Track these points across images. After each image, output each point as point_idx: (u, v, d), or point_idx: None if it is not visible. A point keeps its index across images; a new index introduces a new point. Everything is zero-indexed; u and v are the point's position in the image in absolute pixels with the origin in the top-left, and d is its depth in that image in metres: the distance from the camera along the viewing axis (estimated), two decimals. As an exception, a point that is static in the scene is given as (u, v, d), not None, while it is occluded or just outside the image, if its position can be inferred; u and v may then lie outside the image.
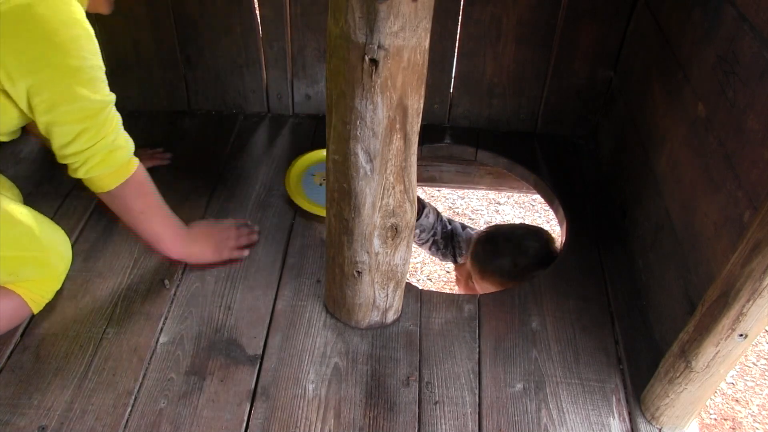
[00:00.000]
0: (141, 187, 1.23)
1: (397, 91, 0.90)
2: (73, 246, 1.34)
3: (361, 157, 0.97)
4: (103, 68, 1.12)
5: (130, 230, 1.30)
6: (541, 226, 1.69)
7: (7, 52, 1.02)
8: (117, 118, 1.16)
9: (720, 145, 1.07)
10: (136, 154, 1.21)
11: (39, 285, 1.24)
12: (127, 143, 1.18)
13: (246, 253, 1.39)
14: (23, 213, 1.21)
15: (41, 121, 1.09)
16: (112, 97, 1.14)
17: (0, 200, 1.18)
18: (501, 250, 1.63)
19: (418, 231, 1.80)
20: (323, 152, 1.66)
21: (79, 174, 1.14)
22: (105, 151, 1.13)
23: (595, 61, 1.66)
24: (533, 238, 1.65)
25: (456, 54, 1.68)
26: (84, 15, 1.10)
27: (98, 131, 1.12)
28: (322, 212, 1.48)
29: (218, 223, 1.43)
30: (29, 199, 1.48)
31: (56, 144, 1.12)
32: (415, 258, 2.65)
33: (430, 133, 1.76)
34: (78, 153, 1.12)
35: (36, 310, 1.25)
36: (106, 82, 1.13)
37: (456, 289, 2.02)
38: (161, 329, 1.25)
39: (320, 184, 1.58)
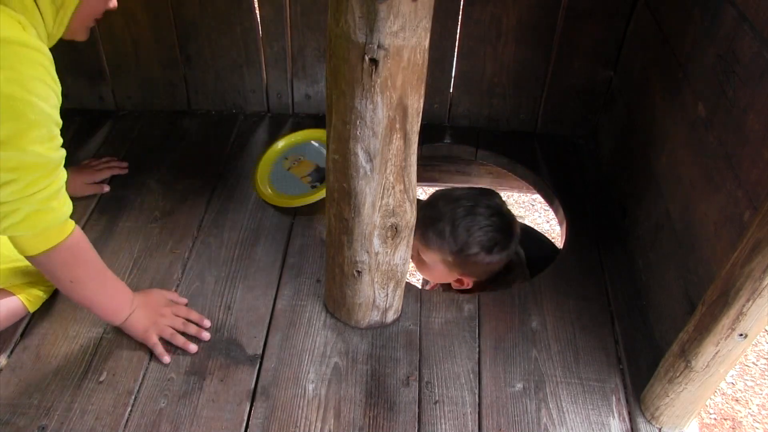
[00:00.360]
0: (74, 257, 1.07)
1: (397, 91, 0.90)
2: (73, 246, 1.34)
3: (361, 157, 0.97)
4: (60, 123, 0.98)
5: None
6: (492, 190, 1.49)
7: None
8: (60, 179, 1.00)
9: (720, 145, 1.07)
10: (78, 162, 1.03)
11: (34, 285, 1.25)
12: (63, 207, 1.01)
13: (191, 348, 1.20)
14: None
15: None
16: (62, 153, 0.99)
17: None
18: (440, 213, 1.40)
19: None
20: (300, 134, 1.68)
21: (1, 228, 0.97)
22: (31, 209, 0.96)
23: (595, 61, 1.66)
24: (474, 198, 1.42)
25: (456, 54, 1.68)
26: (45, 49, 0.95)
27: (29, 186, 0.94)
28: (285, 202, 1.48)
29: (154, 294, 1.26)
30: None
31: None
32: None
33: (430, 133, 1.76)
34: (3, 202, 0.94)
35: (32, 308, 1.25)
36: (59, 137, 0.99)
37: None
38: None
39: (288, 169, 1.57)
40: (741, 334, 0.93)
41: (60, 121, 0.98)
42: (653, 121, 1.37)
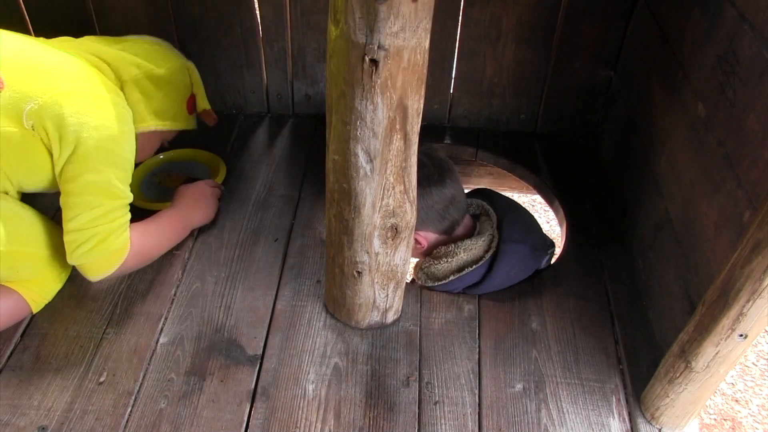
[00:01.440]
0: (140, 253, 1.27)
1: (397, 92, 0.90)
2: (73, 246, 1.34)
3: (361, 158, 0.97)
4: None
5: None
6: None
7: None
8: (127, 218, 1.22)
9: (720, 145, 1.07)
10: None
11: (39, 284, 1.25)
12: (126, 244, 1.21)
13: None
14: (27, 211, 1.22)
15: (64, 188, 1.16)
16: (131, 197, 1.22)
17: (5, 197, 1.18)
18: None
19: None
20: (166, 155, 1.65)
21: (75, 256, 1.17)
22: (107, 234, 1.17)
23: (595, 61, 1.66)
24: None
25: (456, 54, 1.68)
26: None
27: (109, 213, 1.17)
28: (156, 207, 1.46)
29: (190, 185, 1.47)
30: (27, 199, 1.47)
31: (67, 215, 1.16)
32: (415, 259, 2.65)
33: (430, 133, 1.76)
34: (83, 228, 1.15)
35: (36, 309, 1.25)
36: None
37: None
38: (161, 329, 1.25)
39: (159, 183, 1.58)
40: (741, 335, 0.93)
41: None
42: (653, 121, 1.37)
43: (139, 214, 1.46)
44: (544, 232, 1.48)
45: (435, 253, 1.37)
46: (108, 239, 1.17)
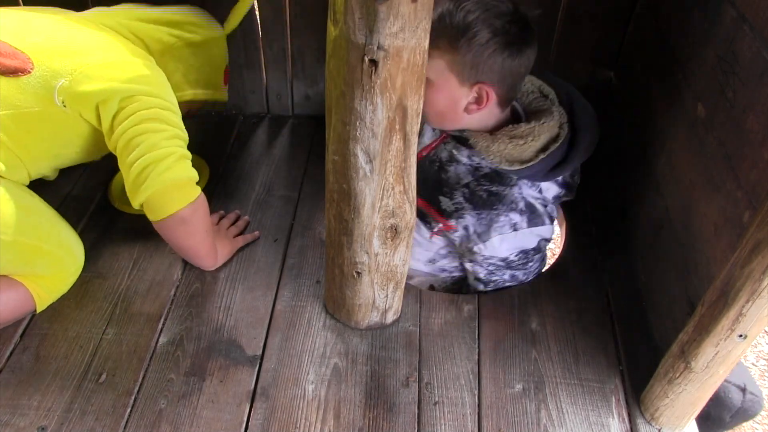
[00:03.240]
0: (206, 210, 1.24)
1: (396, 92, 0.90)
2: (72, 246, 1.34)
3: (361, 158, 0.97)
4: None
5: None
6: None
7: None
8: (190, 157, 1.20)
9: (719, 146, 1.07)
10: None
11: (48, 282, 1.25)
12: (196, 180, 1.19)
13: (256, 234, 1.43)
14: (46, 208, 1.22)
15: (119, 132, 1.13)
16: (187, 136, 1.22)
17: (27, 191, 1.19)
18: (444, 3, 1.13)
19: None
20: None
21: (151, 179, 1.11)
22: (180, 155, 1.14)
23: (595, 61, 1.66)
24: None
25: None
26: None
27: (176, 138, 1.15)
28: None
29: (219, 227, 1.43)
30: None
31: (129, 148, 1.12)
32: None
33: (429, 134, 1.76)
34: (155, 147, 1.11)
35: (39, 307, 1.25)
36: None
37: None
38: (161, 330, 1.25)
39: None
40: (740, 335, 0.93)
41: None
42: (653, 121, 1.37)
43: (122, 216, 1.47)
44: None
45: (511, 132, 1.20)
46: (182, 161, 1.14)
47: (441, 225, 1.28)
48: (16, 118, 1.10)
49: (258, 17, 1.65)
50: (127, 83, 1.14)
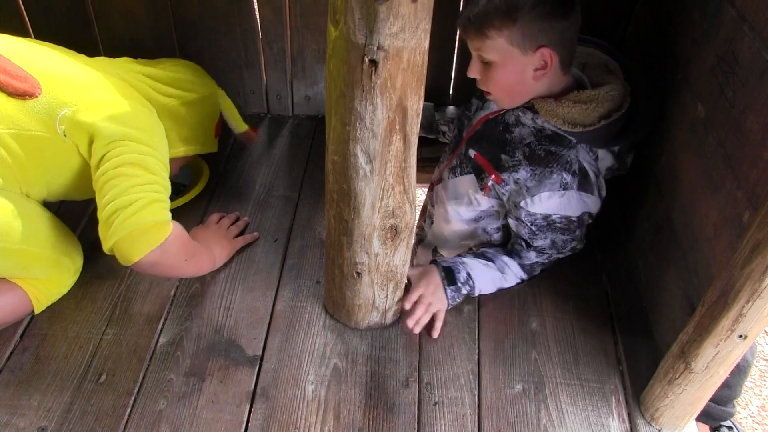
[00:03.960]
0: (183, 243, 1.22)
1: (396, 92, 0.90)
2: (72, 247, 1.34)
3: (361, 158, 0.97)
4: None
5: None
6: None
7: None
8: (167, 197, 1.19)
9: (719, 146, 1.07)
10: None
11: (46, 285, 1.25)
12: (168, 220, 1.17)
13: (255, 234, 1.44)
14: (43, 213, 1.22)
15: (100, 172, 1.14)
16: (168, 184, 1.22)
17: (25, 198, 1.19)
18: None
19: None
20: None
21: (114, 227, 1.11)
22: (150, 200, 1.13)
23: (594, 61, 1.65)
24: None
25: (456, 55, 1.68)
26: None
27: (147, 184, 1.14)
28: None
29: (204, 226, 1.43)
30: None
31: (104, 191, 1.13)
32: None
33: (429, 134, 1.76)
34: (122, 195, 1.11)
35: (37, 309, 1.25)
36: None
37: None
38: (161, 330, 1.25)
39: None
40: (740, 335, 0.93)
41: None
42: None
43: None
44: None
45: (575, 97, 1.22)
46: (150, 206, 1.13)
47: (493, 177, 1.30)
48: (19, 138, 1.13)
49: (258, 17, 1.65)
50: (122, 126, 1.17)
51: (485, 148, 1.32)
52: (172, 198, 1.21)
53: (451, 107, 1.66)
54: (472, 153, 1.34)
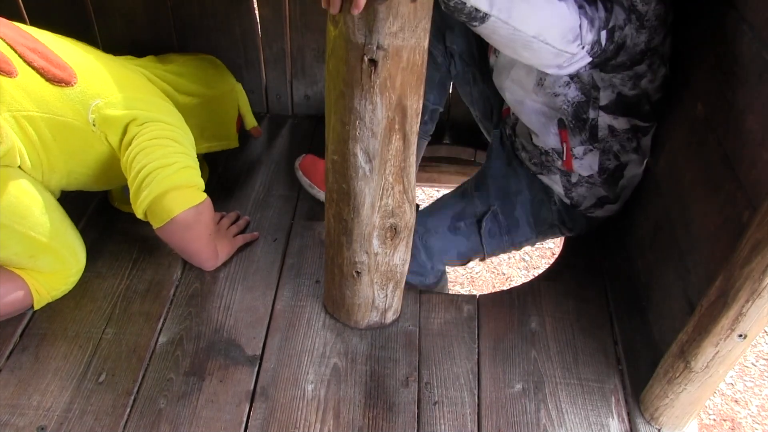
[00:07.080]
0: (211, 214, 1.26)
1: (396, 92, 0.90)
2: (72, 246, 1.35)
3: (360, 158, 0.97)
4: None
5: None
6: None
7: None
8: (199, 170, 1.24)
9: (719, 146, 1.07)
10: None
11: (48, 279, 1.25)
12: (202, 187, 1.23)
13: (255, 234, 1.44)
14: (58, 208, 1.24)
15: (131, 149, 1.19)
16: (197, 163, 1.26)
17: (44, 189, 1.21)
18: None
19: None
20: None
21: (156, 182, 1.15)
22: (184, 165, 1.19)
23: (594, 61, 1.65)
24: None
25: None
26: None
27: (183, 152, 1.21)
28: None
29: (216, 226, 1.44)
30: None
31: (138, 160, 1.17)
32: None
33: (429, 134, 1.76)
34: (161, 157, 1.17)
35: (37, 305, 1.25)
36: None
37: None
38: (160, 329, 1.25)
39: None
40: (740, 335, 0.93)
41: None
42: (652, 121, 1.37)
43: (121, 216, 1.47)
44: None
45: None
46: (187, 170, 1.19)
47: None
48: (50, 123, 1.16)
49: (257, 17, 1.65)
50: (155, 112, 1.23)
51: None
52: None
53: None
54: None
